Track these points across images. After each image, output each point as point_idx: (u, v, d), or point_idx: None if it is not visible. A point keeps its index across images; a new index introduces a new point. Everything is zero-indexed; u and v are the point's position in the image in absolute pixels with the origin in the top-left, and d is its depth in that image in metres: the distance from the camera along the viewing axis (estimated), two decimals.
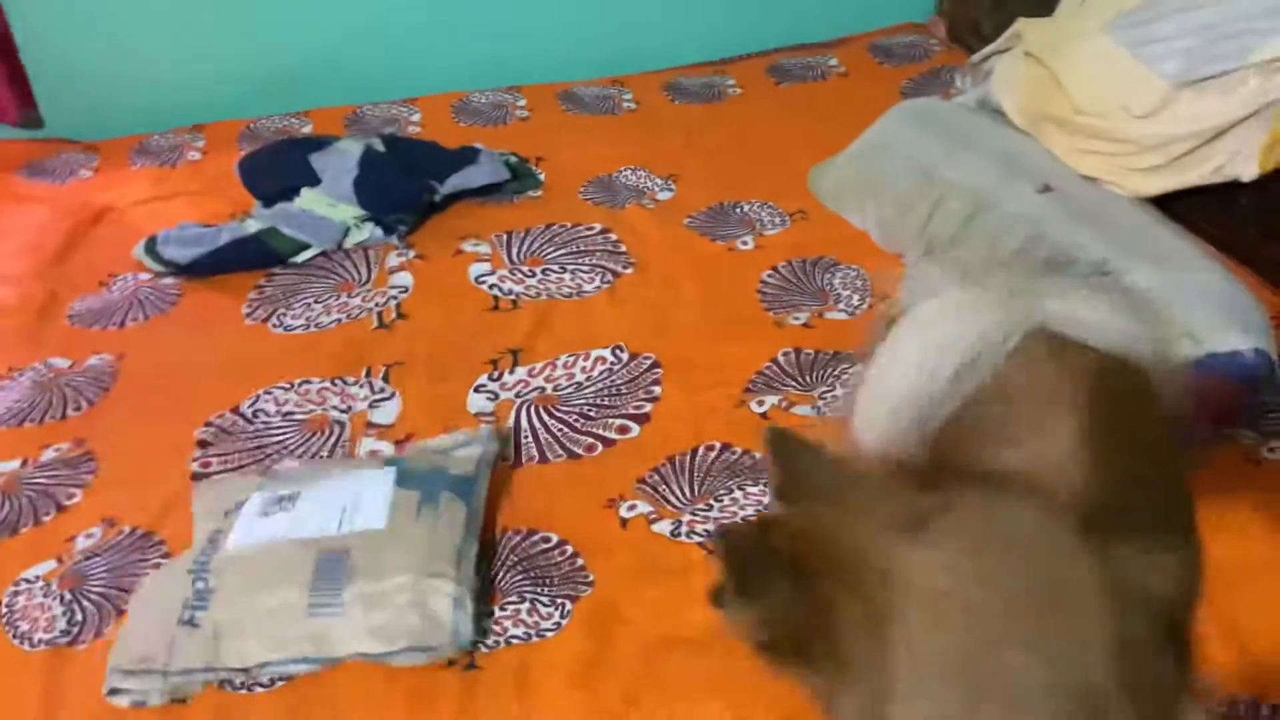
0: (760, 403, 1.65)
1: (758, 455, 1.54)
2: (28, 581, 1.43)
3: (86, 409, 1.79)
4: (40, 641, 1.33)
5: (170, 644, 1.25)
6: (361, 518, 1.38)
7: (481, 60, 2.93)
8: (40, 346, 1.97)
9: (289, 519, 1.37)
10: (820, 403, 1.63)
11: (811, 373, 1.71)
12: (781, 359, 1.75)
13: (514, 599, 1.34)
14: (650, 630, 1.29)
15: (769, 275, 1.98)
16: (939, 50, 2.92)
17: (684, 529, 1.43)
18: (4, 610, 1.38)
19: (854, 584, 0.75)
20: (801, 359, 1.74)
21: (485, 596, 1.34)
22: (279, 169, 2.39)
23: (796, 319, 1.85)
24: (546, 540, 1.43)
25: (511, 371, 1.77)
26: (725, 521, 1.42)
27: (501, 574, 1.38)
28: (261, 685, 1.25)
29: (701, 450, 1.57)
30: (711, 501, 1.47)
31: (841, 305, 1.88)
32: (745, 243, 2.10)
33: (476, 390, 1.74)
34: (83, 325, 2.04)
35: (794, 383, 1.69)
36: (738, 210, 2.22)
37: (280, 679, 1.25)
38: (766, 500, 1.38)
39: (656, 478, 1.53)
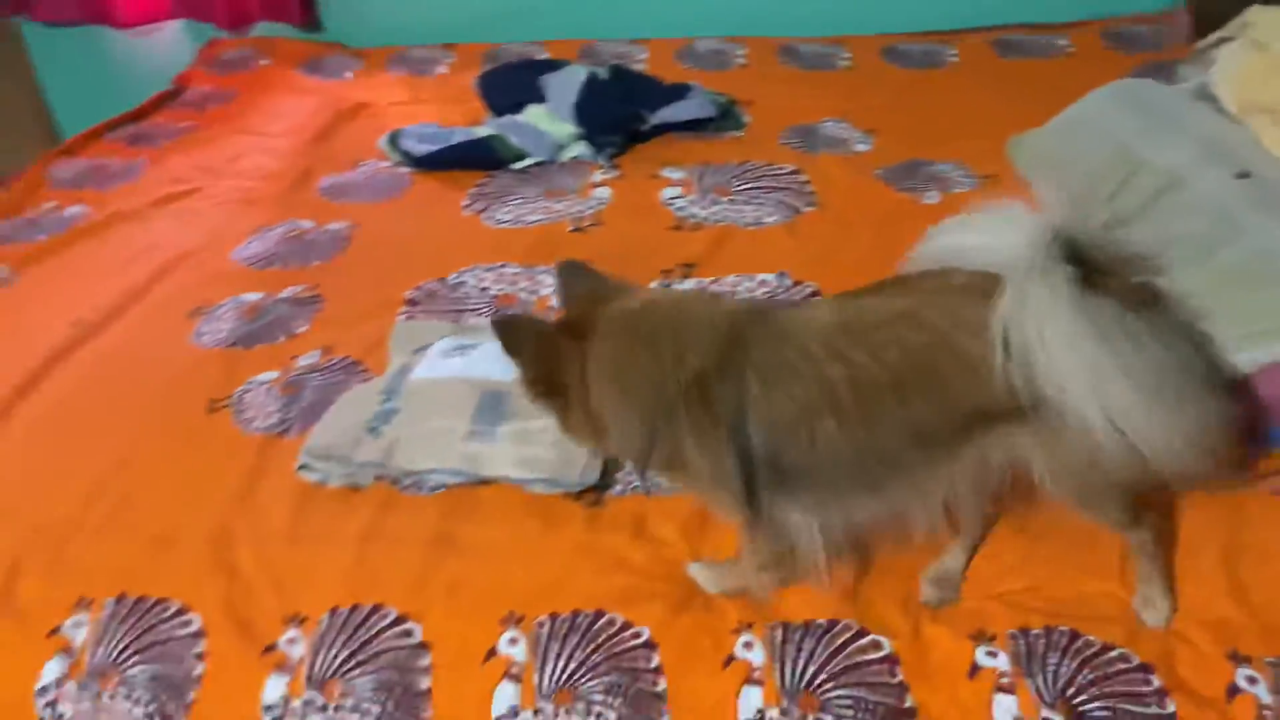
0: None
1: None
2: (254, 384, 1.72)
3: (322, 262, 2.09)
4: (258, 428, 1.61)
5: (355, 443, 1.48)
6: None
7: (710, 10, 3.09)
8: (292, 209, 2.29)
9: (465, 362, 1.59)
10: None
11: None
12: None
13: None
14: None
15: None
16: (1178, 43, 2.82)
17: None
18: (234, 401, 1.68)
19: (580, 339, 1.21)
20: None
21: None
22: (513, 85, 2.64)
23: None
24: None
25: (682, 281, 1.92)
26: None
27: None
28: (423, 489, 1.47)
29: None
30: None
31: None
32: (931, 197, 2.16)
33: None
34: (329, 198, 2.35)
35: None
36: (929, 167, 2.27)
37: (438, 487, 1.47)
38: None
39: None
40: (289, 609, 1.30)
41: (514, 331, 1.25)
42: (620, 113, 2.47)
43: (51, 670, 1.27)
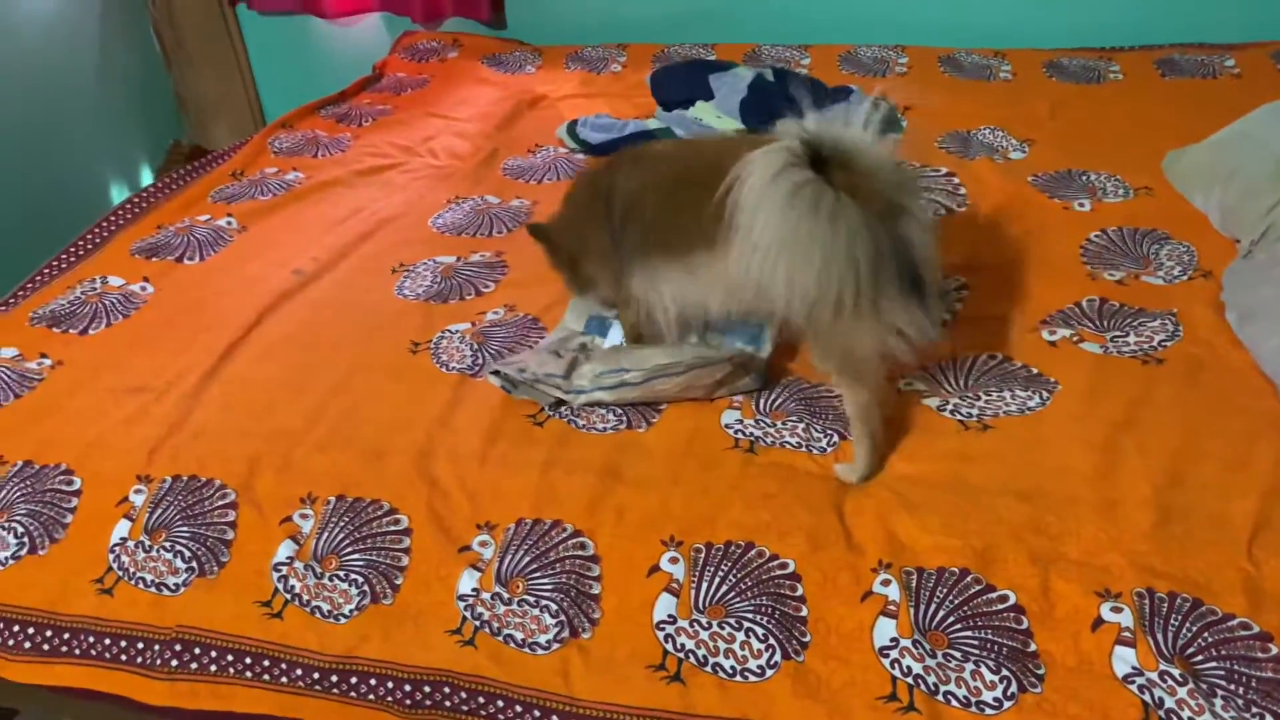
0: (1052, 332, 1.82)
1: (1034, 370, 1.73)
2: (450, 332, 1.94)
3: (506, 233, 2.31)
4: (454, 368, 1.83)
5: (540, 360, 1.69)
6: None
7: (873, 18, 3.20)
8: (479, 185, 2.53)
9: None
10: (1109, 344, 1.78)
11: (1111, 319, 1.84)
12: (1085, 303, 1.89)
13: (794, 419, 1.65)
14: (897, 468, 1.54)
15: (1096, 235, 2.11)
16: None
17: (949, 407, 1.66)
18: (433, 345, 1.90)
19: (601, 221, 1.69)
20: (1105, 307, 1.88)
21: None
22: (682, 82, 2.82)
23: (1111, 275, 1.98)
24: (830, 391, 1.72)
25: None
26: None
27: (786, 401, 1.70)
28: (595, 430, 1.66)
29: (984, 357, 1.78)
30: (981, 394, 1.69)
31: (1161, 273, 1.98)
32: (1082, 204, 2.23)
33: None
34: (511, 177, 2.58)
35: (1090, 324, 1.84)
36: (1083, 177, 2.34)
37: (609, 428, 1.65)
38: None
39: (937, 369, 1.76)
40: (481, 516, 1.51)
41: (541, 234, 1.81)
42: (783, 111, 2.60)
43: (284, 550, 1.51)
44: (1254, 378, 1.66)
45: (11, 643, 1.57)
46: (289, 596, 1.47)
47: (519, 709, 1.39)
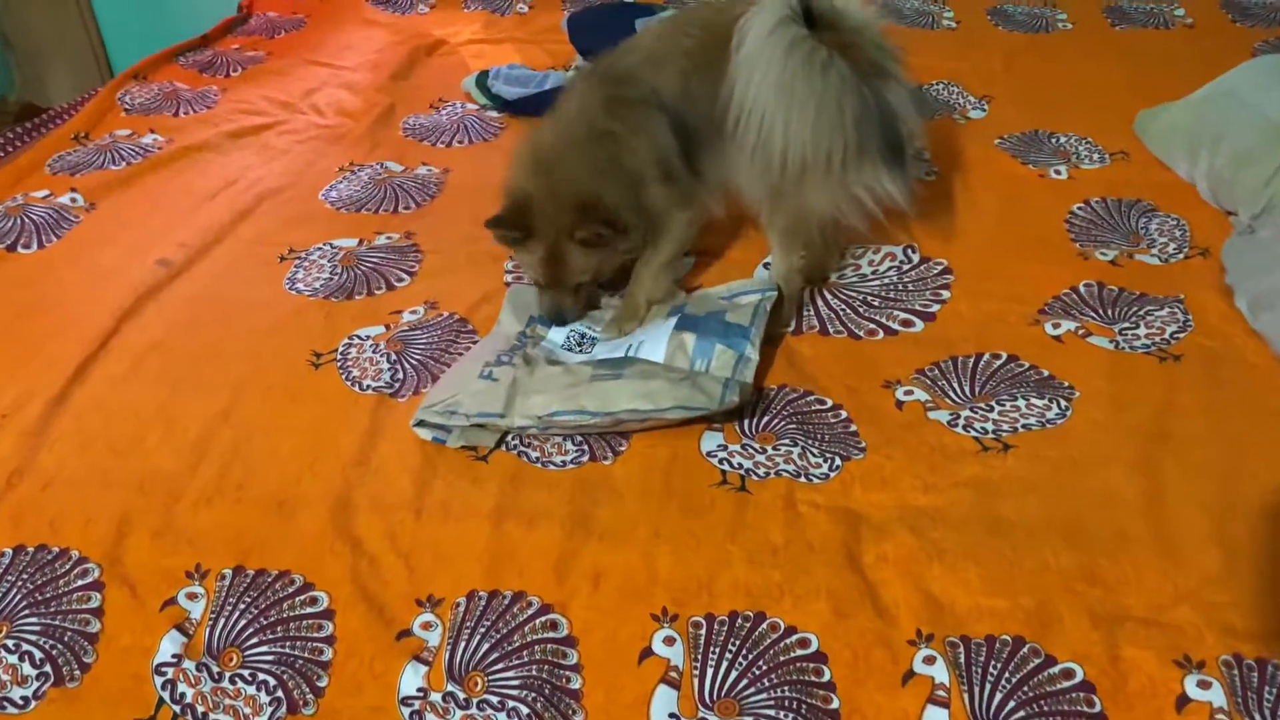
0: (1055, 325, 1.62)
1: (1045, 372, 1.52)
2: (360, 338, 1.61)
3: (415, 209, 1.97)
4: (369, 387, 1.51)
5: (471, 393, 1.38)
6: (644, 351, 1.49)
7: None
8: (377, 149, 2.17)
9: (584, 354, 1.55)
10: (1119, 338, 1.58)
11: (1114, 308, 1.65)
12: (1083, 289, 1.70)
13: (786, 442, 1.40)
14: (914, 499, 1.31)
15: (1080, 208, 1.92)
16: None
17: (961, 421, 1.44)
18: (338, 357, 1.57)
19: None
20: (1104, 293, 1.69)
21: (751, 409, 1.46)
22: (604, 27, 2.49)
23: (1104, 254, 1.79)
24: (821, 403, 1.48)
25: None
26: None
27: (774, 420, 1.44)
28: (553, 464, 1.37)
29: (988, 357, 1.56)
30: (994, 403, 1.47)
31: (1155, 251, 1.80)
32: (1058, 172, 2.04)
33: (766, 266, 1.79)
34: (414, 138, 2.23)
35: (1094, 314, 1.64)
36: (1053, 140, 2.14)
37: (569, 461, 1.37)
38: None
39: (936, 372, 1.54)
40: (422, 589, 1.21)
41: (502, 221, 1.54)
42: None
43: (169, 645, 1.18)
44: (1278, 374, 1.50)
45: None
46: (179, 709, 1.15)
47: None
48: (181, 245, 1.82)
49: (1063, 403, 1.46)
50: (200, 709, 1.14)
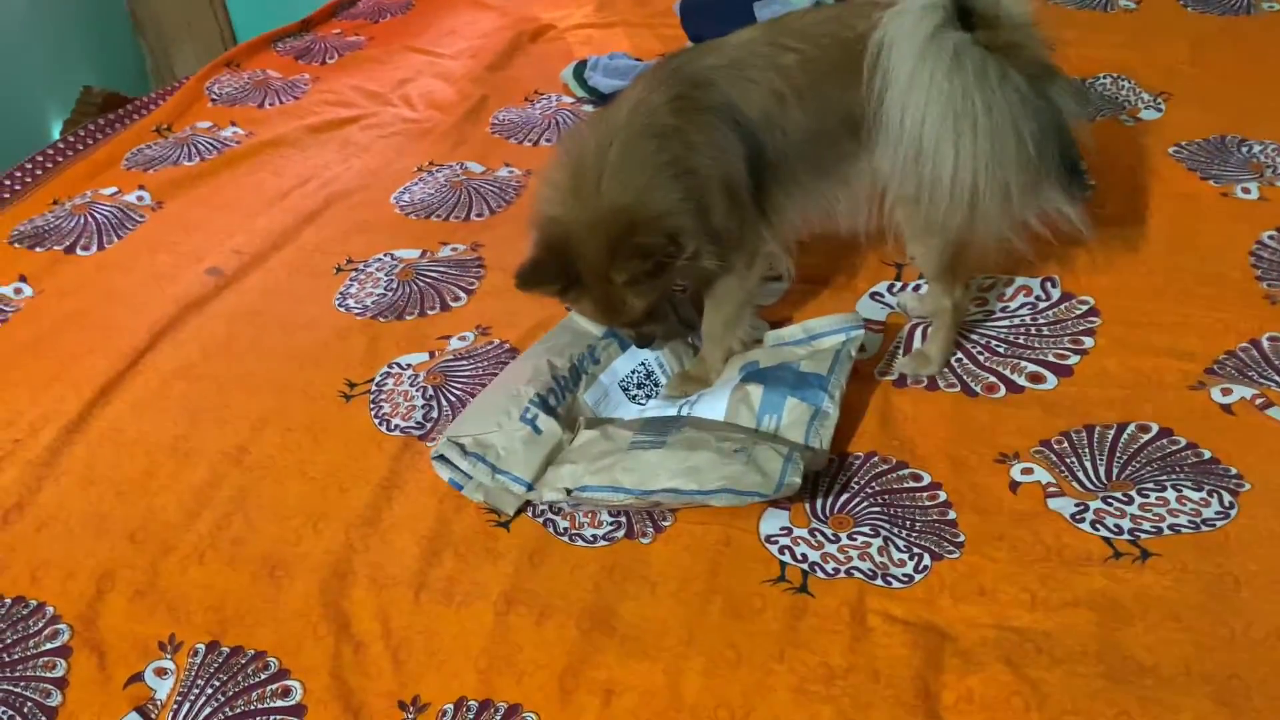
0: (1226, 391, 1.30)
1: (1207, 454, 1.22)
2: (400, 367, 1.45)
3: (488, 215, 1.80)
4: (397, 427, 1.35)
5: (507, 442, 1.20)
6: (701, 407, 1.28)
7: None
8: (460, 147, 2.01)
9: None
10: None
11: None
12: (1267, 343, 1.37)
13: (866, 531, 1.16)
14: (1017, 618, 1.05)
15: (1271, 236, 1.57)
16: None
17: (1090, 515, 1.16)
18: (374, 388, 1.42)
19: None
20: None
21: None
22: (720, 13, 2.25)
23: None
24: (917, 479, 1.23)
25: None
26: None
27: (856, 500, 1.20)
28: (582, 539, 1.17)
29: (1133, 429, 1.27)
30: (1134, 494, 1.18)
31: None
32: (1247, 190, 1.68)
33: (872, 297, 1.53)
34: (501, 135, 2.06)
35: (1277, 379, 1.32)
36: (1244, 149, 1.78)
37: (602, 537, 1.17)
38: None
39: (1066, 445, 1.25)
40: (407, 688, 1.04)
41: (534, 275, 1.24)
42: None
43: None
44: None
45: None
46: None
47: None
48: (236, 252, 1.71)
49: (1226, 498, 1.16)
50: None
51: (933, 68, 1.14)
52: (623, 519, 1.19)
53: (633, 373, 1.38)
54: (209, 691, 1.06)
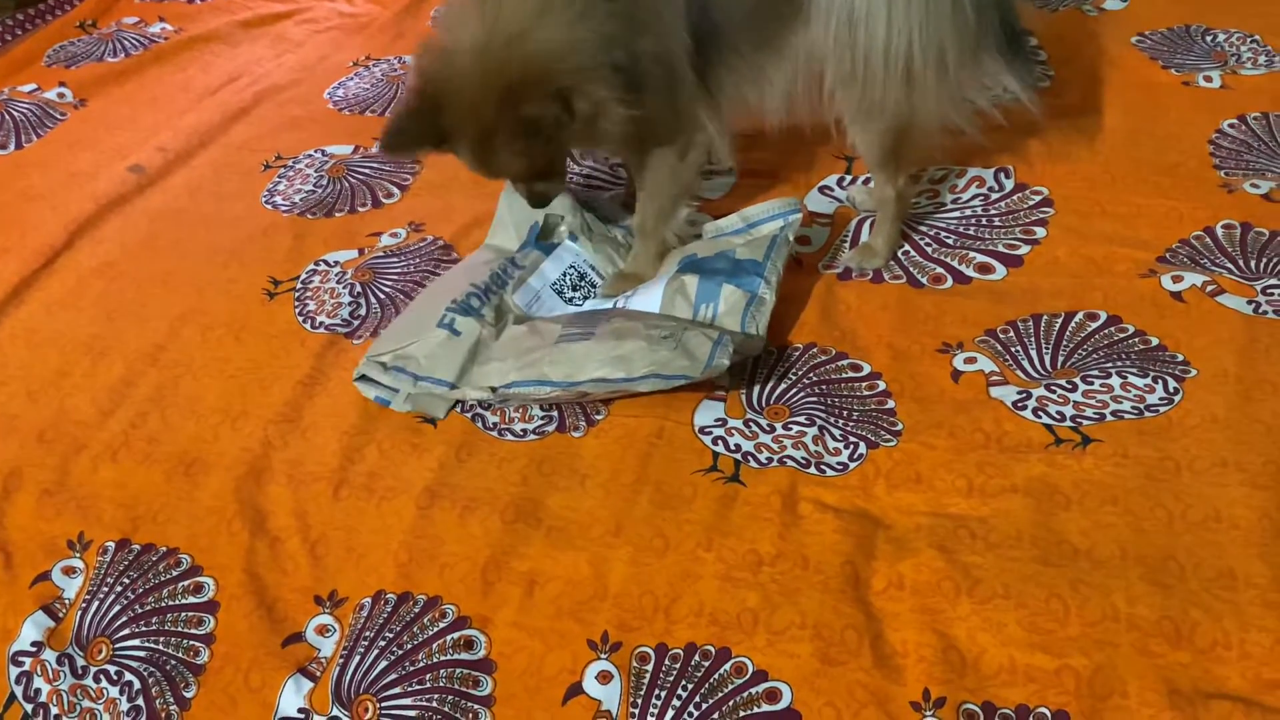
0: (1177, 279, 1.27)
1: (1154, 340, 1.19)
2: (327, 264, 1.40)
3: None
4: (322, 325, 1.30)
5: (427, 348, 1.15)
6: (637, 300, 1.23)
7: None
8: (399, 40, 1.93)
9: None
10: (1261, 299, 1.22)
11: (1261, 258, 1.29)
12: (1221, 231, 1.33)
13: (801, 420, 1.12)
14: (953, 504, 1.02)
15: (1231, 125, 1.52)
16: None
17: (1032, 403, 1.13)
18: (299, 285, 1.36)
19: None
20: (1250, 237, 1.32)
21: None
22: None
23: (1255, 187, 1.40)
24: (856, 368, 1.19)
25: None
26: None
27: (793, 390, 1.16)
28: (512, 433, 1.13)
29: (1080, 317, 1.23)
30: (1078, 381, 1.15)
31: None
32: (1209, 79, 1.63)
33: (821, 190, 1.48)
34: None
35: (1231, 265, 1.28)
36: (1209, 38, 1.72)
37: (532, 431, 1.13)
38: None
39: (1011, 335, 1.22)
40: (323, 584, 1.01)
41: (398, 135, 1.12)
42: None
43: (30, 630, 1.01)
44: None
45: None
46: (30, 708, 0.98)
47: None
48: (161, 150, 1.63)
49: (1171, 384, 1.13)
50: (54, 710, 0.97)
51: None
52: (554, 413, 1.15)
53: (564, 275, 1.32)
54: (118, 589, 1.02)
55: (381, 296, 1.33)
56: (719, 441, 1.11)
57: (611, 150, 1.34)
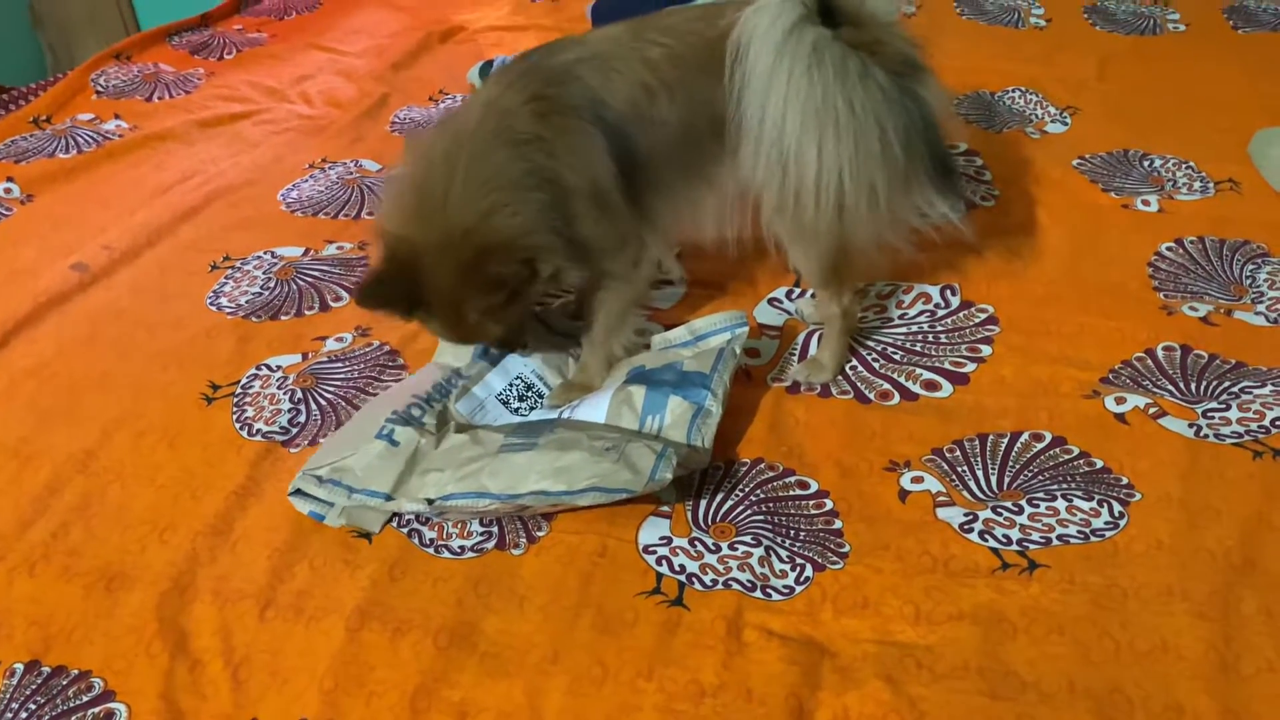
0: (1120, 400, 1.28)
1: (1099, 463, 1.19)
2: (269, 369, 1.37)
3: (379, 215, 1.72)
4: (259, 432, 1.26)
5: (364, 461, 1.12)
6: (582, 411, 1.21)
7: None
8: (356, 144, 1.94)
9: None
10: (1202, 422, 1.24)
11: (1201, 381, 1.31)
12: (1162, 353, 1.35)
13: (748, 540, 1.10)
14: (900, 632, 1.00)
15: (1169, 248, 1.56)
16: None
17: (978, 525, 1.12)
18: (238, 390, 1.33)
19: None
20: (1189, 360, 1.34)
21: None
22: (632, 13, 2.21)
23: (1194, 310, 1.43)
24: (804, 486, 1.18)
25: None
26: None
27: (739, 508, 1.15)
28: (449, 550, 1.10)
29: (1026, 437, 1.24)
30: (1024, 504, 1.14)
31: (1262, 308, 1.44)
32: (1147, 203, 1.68)
33: (770, 302, 1.49)
34: (402, 134, 1.98)
35: (1172, 387, 1.30)
36: (1145, 163, 1.78)
37: (470, 548, 1.10)
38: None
39: (958, 454, 1.22)
40: (244, 712, 0.95)
41: (376, 294, 1.16)
42: None
43: None
44: None
45: None
46: None
47: None
48: (106, 248, 1.61)
49: (1117, 508, 1.13)
50: None
51: (791, 65, 1.10)
52: (494, 529, 1.12)
53: (510, 385, 1.31)
54: (23, 716, 0.96)
55: (323, 403, 1.31)
56: (663, 561, 1.08)
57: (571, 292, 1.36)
